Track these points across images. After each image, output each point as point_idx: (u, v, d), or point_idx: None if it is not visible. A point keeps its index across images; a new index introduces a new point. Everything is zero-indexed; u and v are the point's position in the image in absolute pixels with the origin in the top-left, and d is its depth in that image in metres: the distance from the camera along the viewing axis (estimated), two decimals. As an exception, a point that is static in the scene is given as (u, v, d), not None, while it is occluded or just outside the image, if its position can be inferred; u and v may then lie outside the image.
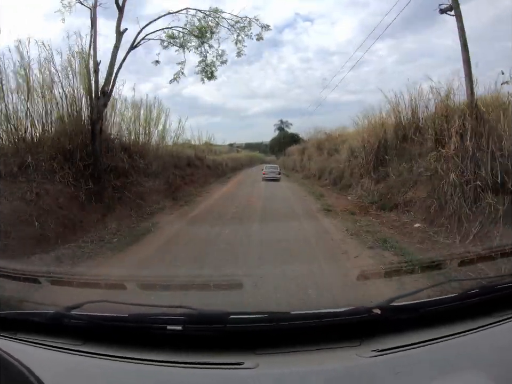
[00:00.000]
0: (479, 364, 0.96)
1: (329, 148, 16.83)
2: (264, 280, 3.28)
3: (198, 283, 3.01)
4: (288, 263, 3.92)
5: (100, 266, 4.15)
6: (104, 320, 1.13)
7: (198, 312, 1.18)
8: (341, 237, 5.36)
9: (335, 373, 0.96)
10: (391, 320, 1.10)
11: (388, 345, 1.01)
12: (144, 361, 1.00)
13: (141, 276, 3.60)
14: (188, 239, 5.47)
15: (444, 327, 1.07)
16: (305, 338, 1.07)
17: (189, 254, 4.49)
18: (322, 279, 3.42)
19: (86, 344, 1.09)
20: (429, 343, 1.01)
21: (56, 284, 2.34)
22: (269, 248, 4.60)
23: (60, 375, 1.00)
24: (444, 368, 0.95)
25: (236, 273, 3.64)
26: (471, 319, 1.09)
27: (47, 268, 3.96)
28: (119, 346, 1.06)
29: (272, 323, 1.11)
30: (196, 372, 0.98)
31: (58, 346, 1.08)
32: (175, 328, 1.08)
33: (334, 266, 3.97)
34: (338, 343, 1.05)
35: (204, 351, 1.03)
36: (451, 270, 2.63)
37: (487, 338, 1.04)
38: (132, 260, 4.39)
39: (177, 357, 1.01)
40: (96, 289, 2.34)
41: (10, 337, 1.12)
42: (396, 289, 2.76)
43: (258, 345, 1.04)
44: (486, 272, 2.75)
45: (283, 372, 0.98)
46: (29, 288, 2.25)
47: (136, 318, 1.13)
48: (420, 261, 3.80)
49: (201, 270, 3.87)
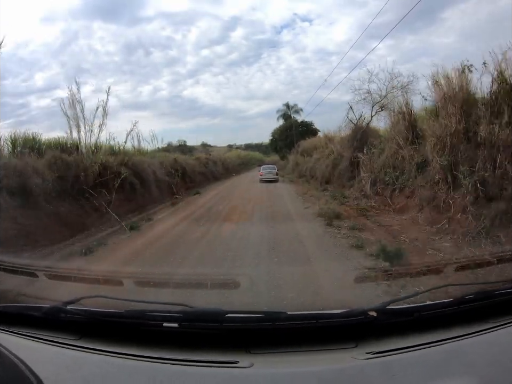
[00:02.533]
0: (473, 369, 0.97)
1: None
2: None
3: (195, 281, 3.02)
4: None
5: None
6: (101, 316, 1.14)
7: (194, 309, 1.18)
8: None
9: (329, 374, 0.97)
10: (386, 323, 1.10)
11: (382, 348, 1.01)
12: (140, 358, 1.00)
13: (138, 272, 3.61)
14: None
15: (439, 331, 1.07)
16: (300, 339, 1.07)
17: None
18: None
19: (82, 339, 1.09)
20: (424, 347, 1.02)
21: (53, 278, 2.34)
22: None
23: (56, 369, 1.00)
24: (438, 373, 0.95)
25: (232, 272, 3.64)
26: (467, 324, 1.09)
27: (45, 262, 3.96)
28: (115, 342, 1.06)
29: (268, 323, 1.11)
30: (190, 370, 0.98)
31: (54, 340, 1.09)
32: (171, 326, 1.08)
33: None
34: (334, 345, 1.05)
35: (199, 348, 1.04)
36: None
37: (482, 344, 1.05)
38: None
39: (172, 354, 1.01)
40: (93, 284, 2.34)
41: (5, 330, 1.13)
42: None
43: (254, 345, 1.05)
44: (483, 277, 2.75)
45: (277, 372, 0.98)
46: (26, 282, 2.25)
47: (133, 314, 1.14)
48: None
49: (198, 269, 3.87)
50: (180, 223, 7.25)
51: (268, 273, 3.57)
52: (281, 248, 4.65)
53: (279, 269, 3.73)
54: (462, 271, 2.62)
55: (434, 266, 3.09)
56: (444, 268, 2.83)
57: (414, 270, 3.27)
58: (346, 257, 4.25)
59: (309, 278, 3.44)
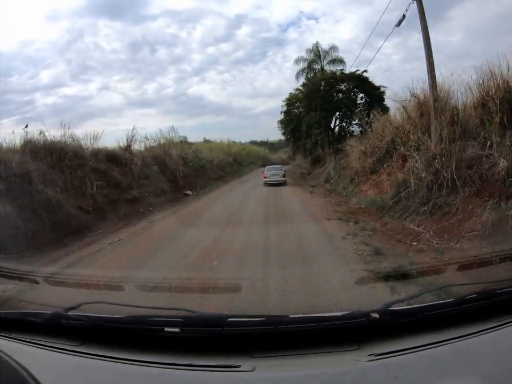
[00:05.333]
0: (476, 369, 0.96)
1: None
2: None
3: (197, 285, 3.01)
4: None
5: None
6: (102, 321, 1.13)
7: (196, 314, 1.18)
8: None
9: (332, 377, 0.96)
10: (389, 324, 1.10)
11: (385, 350, 1.01)
12: (142, 363, 1.00)
13: (139, 277, 3.60)
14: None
15: (442, 332, 1.07)
16: (302, 342, 1.06)
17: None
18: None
19: (84, 345, 1.09)
20: (427, 348, 1.01)
21: (54, 284, 2.34)
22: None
23: (57, 375, 1.00)
24: (441, 373, 0.95)
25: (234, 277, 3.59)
26: (469, 324, 1.09)
27: (46, 268, 3.95)
28: (117, 348, 1.06)
29: (270, 326, 1.11)
30: (192, 374, 0.97)
31: (56, 346, 1.08)
32: (172, 330, 1.07)
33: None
34: (336, 347, 1.04)
35: (201, 353, 1.03)
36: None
37: (485, 344, 1.04)
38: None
39: (174, 359, 1.01)
40: (94, 290, 2.34)
41: (6, 337, 1.12)
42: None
43: (256, 348, 1.04)
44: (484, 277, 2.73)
45: (280, 375, 0.97)
46: (26, 288, 2.25)
47: (134, 320, 1.13)
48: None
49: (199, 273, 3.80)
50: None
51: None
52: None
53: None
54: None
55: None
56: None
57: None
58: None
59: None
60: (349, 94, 16.27)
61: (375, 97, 15.31)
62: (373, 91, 15.77)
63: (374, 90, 15.81)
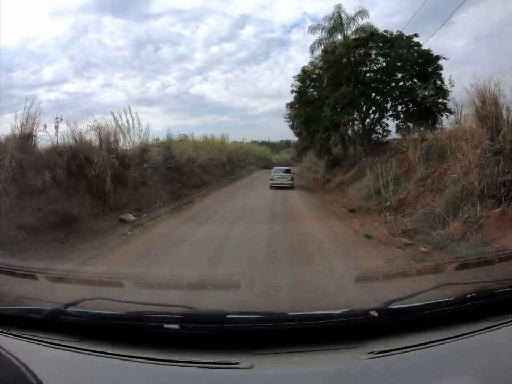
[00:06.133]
0: (474, 368, 0.97)
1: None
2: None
3: (196, 282, 3.01)
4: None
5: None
6: (102, 318, 1.13)
7: (195, 311, 1.18)
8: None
9: (331, 374, 0.96)
10: (387, 322, 1.10)
11: (384, 348, 1.01)
12: (141, 359, 1.00)
13: (139, 274, 3.60)
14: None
15: (440, 330, 1.07)
16: (301, 339, 1.07)
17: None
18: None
19: (83, 341, 1.09)
20: (425, 346, 1.01)
21: (54, 280, 2.34)
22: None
23: (57, 371, 1.00)
24: (440, 372, 0.95)
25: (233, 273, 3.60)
26: (468, 323, 1.09)
27: (45, 264, 3.95)
28: (116, 344, 1.06)
29: (269, 323, 1.11)
30: (191, 371, 0.98)
31: (55, 342, 1.08)
32: (172, 327, 1.08)
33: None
34: (335, 345, 1.05)
35: (200, 350, 1.03)
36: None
37: (483, 342, 1.05)
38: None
39: (173, 356, 1.01)
40: (93, 286, 2.34)
41: (5, 333, 1.13)
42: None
43: (255, 345, 1.04)
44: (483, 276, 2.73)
45: (279, 372, 0.98)
46: (26, 284, 2.25)
47: (133, 316, 1.13)
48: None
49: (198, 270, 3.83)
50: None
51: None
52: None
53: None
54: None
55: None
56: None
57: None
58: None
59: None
60: (391, 69, 11.09)
61: (428, 75, 10.59)
62: (425, 66, 10.85)
63: (427, 65, 10.85)
